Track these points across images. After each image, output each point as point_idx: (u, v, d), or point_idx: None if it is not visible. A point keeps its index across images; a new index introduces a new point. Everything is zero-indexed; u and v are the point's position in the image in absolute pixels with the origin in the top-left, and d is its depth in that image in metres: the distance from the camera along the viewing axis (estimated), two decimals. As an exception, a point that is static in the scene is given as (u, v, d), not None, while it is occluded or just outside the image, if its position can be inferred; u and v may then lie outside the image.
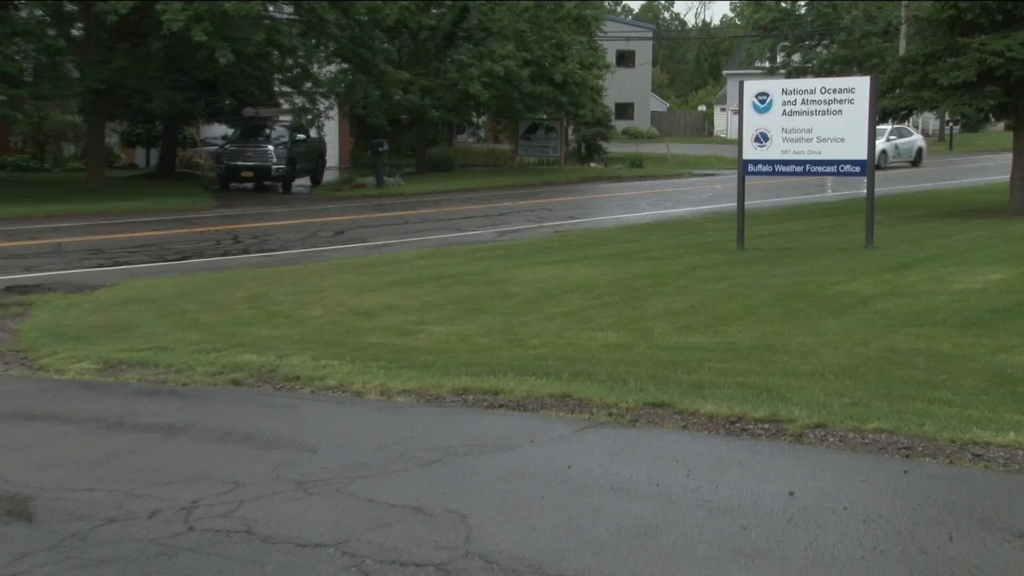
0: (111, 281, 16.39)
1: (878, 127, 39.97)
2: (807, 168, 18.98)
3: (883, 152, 48.47)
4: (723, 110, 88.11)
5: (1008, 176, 26.03)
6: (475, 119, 51.15)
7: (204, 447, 7.39)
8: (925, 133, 79.75)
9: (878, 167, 36.52)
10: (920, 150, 54.96)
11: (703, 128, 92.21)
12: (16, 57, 31.74)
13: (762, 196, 30.11)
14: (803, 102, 18.94)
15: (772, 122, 19.05)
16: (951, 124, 71.33)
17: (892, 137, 51.76)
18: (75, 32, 33.59)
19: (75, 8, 33.16)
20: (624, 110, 77.42)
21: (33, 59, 32.73)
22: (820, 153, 18.66)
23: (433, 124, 45.99)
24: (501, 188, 39.40)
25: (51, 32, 32.72)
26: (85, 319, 12.75)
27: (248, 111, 41.13)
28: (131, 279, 16.74)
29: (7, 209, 27.92)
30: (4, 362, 10.51)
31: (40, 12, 32.92)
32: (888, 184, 34.25)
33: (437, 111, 44.15)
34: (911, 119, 42.66)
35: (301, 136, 39.61)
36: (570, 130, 54.38)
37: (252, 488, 6.22)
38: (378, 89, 38.25)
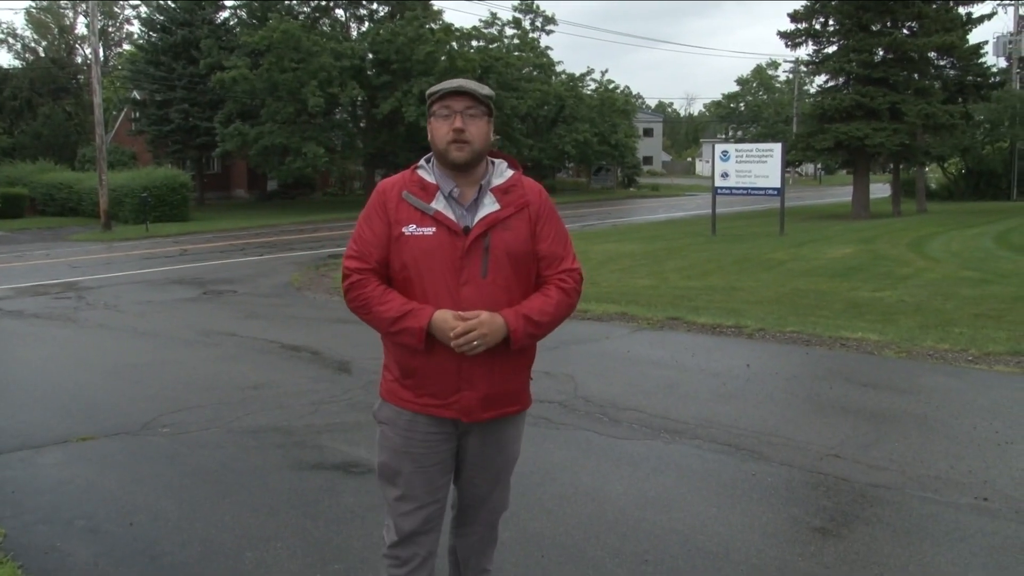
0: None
1: None
2: (749, 191, 18.69)
3: None
4: (701, 160, 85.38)
5: (851, 197, 26.87)
6: (567, 164, 50.80)
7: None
8: (805, 175, 75.65)
9: None
10: None
11: (691, 170, 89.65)
12: (333, 139, 33.06)
13: (724, 207, 29.07)
14: (747, 156, 18.69)
15: (730, 167, 18.70)
16: (821, 170, 69.46)
17: None
18: (361, 124, 34.64)
19: (362, 112, 34.26)
20: (648, 160, 75.30)
21: (341, 138, 33.83)
22: (756, 183, 18.44)
23: (544, 167, 45.76)
24: (582, 203, 38.84)
25: (350, 124, 34.58)
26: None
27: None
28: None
29: (326, 215, 28.99)
30: (328, 293, 10.80)
31: (346, 116, 34.73)
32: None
33: (547, 161, 43.98)
34: (801, 167, 38.87)
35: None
36: (619, 170, 53.55)
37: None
38: (515, 148, 38.25)
